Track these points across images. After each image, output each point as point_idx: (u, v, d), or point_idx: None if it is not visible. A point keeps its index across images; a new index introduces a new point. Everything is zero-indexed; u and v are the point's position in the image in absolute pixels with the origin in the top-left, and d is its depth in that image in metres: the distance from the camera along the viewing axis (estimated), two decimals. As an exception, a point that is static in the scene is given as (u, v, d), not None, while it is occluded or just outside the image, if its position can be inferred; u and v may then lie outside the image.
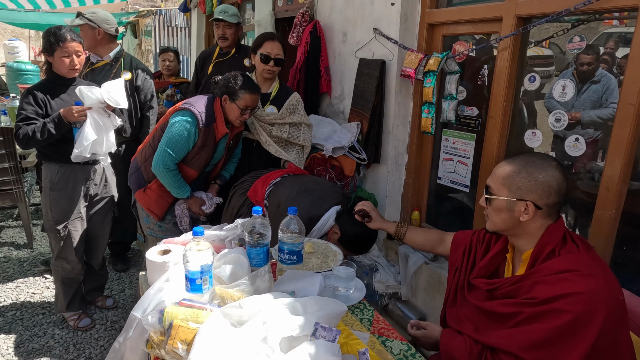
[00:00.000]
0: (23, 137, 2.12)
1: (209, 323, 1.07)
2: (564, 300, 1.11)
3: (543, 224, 1.24)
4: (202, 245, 1.25)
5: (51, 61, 2.18)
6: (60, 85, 2.25)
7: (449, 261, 1.60)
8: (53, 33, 2.13)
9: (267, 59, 2.40)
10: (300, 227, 1.45)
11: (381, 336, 1.28)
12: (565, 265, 1.17)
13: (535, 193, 1.21)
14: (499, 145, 2.07)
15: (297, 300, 1.15)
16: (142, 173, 2.23)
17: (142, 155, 2.27)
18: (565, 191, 1.23)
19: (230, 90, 2.15)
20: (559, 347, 1.11)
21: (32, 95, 2.17)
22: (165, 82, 3.72)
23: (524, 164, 1.25)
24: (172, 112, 2.17)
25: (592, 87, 2.21)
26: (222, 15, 3.02)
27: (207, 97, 2.22)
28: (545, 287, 1.16)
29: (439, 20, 2.30)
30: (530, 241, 1.27)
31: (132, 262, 3.27)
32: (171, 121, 2.11)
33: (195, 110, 2.09)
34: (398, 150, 2.57)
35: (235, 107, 2.14)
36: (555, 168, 1.22)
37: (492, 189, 1.30)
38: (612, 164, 1.63)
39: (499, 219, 1.29)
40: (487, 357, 1.25)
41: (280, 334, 1.03)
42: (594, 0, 1.60)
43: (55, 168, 2.27)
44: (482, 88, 2.25)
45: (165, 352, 1.09)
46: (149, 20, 8.40)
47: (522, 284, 1.23)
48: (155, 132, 2.24)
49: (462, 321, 1.39)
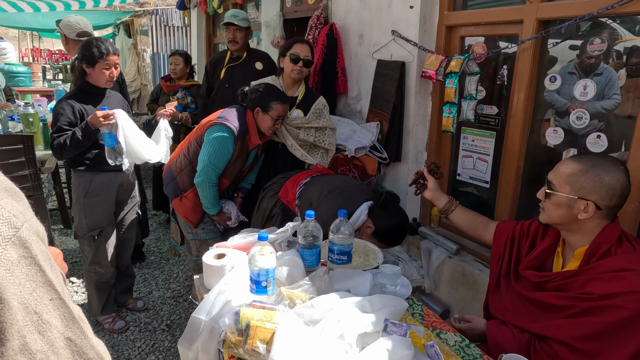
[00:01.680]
0: (57, 148, 2.18)
1: (285, 322, 1.14)
2: (622, 298, 1.18)
3: (600, 224, 1.30)
4: (266, 250, 1.32)
5: (89, 72, 2.23)
6: (95, 95, 2.31)
7: (491, 250, 1.67)
8: (97, 46, 2.19)
9: (296, 60, 2.46)
10: (350, 229, 1.53)
11: (435, 329, 1.37)
12: (622, 264, 1.23)
13: (598, 194, 1.26)
14: (520, 143, 2.17)
15: (365, 299, 1.23)
16: (177, 183, 2.32)
17: (176, 165, 2.34)
18: (628, 195, 1.28)
19: (262, 103, 2.24)
20: (613, 341, 1.19)
21: (69, 105, 2.22)
22: (176, 85, 3.75)
23: (592, 164, 1.29)
24: (205, 127, 2.26)
25: (595, 79, 2.30)
26: (233, 20, 3.08)
27: (237, 109, 2.31)
28: (602, 284, 1.22)
29: (458, 22, 2.37)
30: (585, 238, 1.32)
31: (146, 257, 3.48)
32: (209, 137, 2.20)
33: (231, 125, 2.19)
34: (418, 148, 2.65)
35: (268, 117, 2.25)
36: (622, 172, 1.26)
37: (553, 185, 1.34)
38: (635, 158, 1.73)
39: (556, 213, 1.34)
40: (535, 345, 1.34)
41: (356, 330, 1.11)
42: (616, 5, 1.69)
43: (89, 176, 2.32)
44: (502, 88, 2.33)
45: (244, 351, 1.16)
46: (144, 20, 8.35)
47: (575, 279, 1.29)
48: (188, 143, 2.33)
49: (507, 309, 1.47)
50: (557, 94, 2.06)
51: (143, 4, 10.62)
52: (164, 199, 4.04)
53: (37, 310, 0.48)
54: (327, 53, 2.96)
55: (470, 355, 1.26)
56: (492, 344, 1.43)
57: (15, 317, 0.45)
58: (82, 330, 0.54)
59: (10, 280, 0.45)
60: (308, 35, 3.07)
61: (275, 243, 1.64)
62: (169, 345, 2.44)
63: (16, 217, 0.47)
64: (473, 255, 2.45)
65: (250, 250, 1.55)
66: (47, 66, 11.19)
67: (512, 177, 2.22)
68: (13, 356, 0.46)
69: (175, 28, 7.83)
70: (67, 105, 2.22)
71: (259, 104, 2.25)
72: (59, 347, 0.50)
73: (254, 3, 5.05)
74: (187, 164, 2.28)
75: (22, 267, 0.47)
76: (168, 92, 3.81)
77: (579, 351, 1.23)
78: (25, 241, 0.47)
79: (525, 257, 1.47)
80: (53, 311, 0.50)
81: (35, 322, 0.48)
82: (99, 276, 2.46)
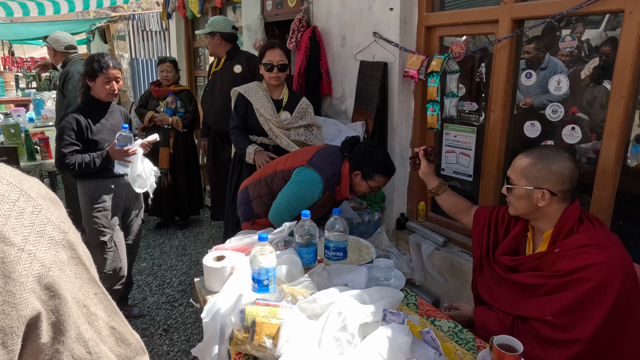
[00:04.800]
0: (69, 167, 2.26)
1: (290, 317, 1.20)
2: (587, 270, 1.30)
3: (560, 207, 1.44)
4: (267, 249, 1.38)
5: (92, 86, 2.32)
6: (99, 109, 2.38)
7: (472, 233, 1.79)
8: (97, 60, 2.28)
9: (270, 68, 2.52)
10: (345, 226, 1.59)
11: (429, 317, 1.45)
12: (584, 241, 1.36)
13: (550, 182, 1.40)
14: (500, 137, 2.27)
15: (363, 291, 1.30)
16: (252, 207, 2.21)
17: (254, 189, 2.22)
18: (577, 178, 1.43)
19: (365, 170, 2.04)
20: (584, 311, 1.31)
21: (75, 120, 2.28)
22: (166, 90, 3.77)
23: (540, 156, 1.44)
24: (297, 163, 2.10)
25: (541, 74, 2.41)
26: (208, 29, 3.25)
27: (335, 156, 2.12)
28: (568, 261, 1.35)
29: (436, 23, 2.47)
30: (549, 222, 1.46)
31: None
32: (297, 177, 2.04)
33: (325, 176, 2.02)
34: (402, 145, 2.74)
35: (366, 185, 2.06)
36: (567, 159, 1.42)
37: (512, 180, 1.49)
38: (607, 148, 1.85)
39: (519, 205, 1.48)
40: (518, 326, 1.44)
41: (357, 321, 1.18)
42: (584, 5, 1.79)
43: (93, 184, 2.38)
44: (480, 84, 2.44)
45: (251, 347, 1.21)
46: (121, 25, 8.25)
47: (545, 259, 1.42)
48: (273, 171, 2.18)
49: (492, 290, 1.58)
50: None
51: (116, 8, 10.50)
52: (156, 203, 4.04)
53: (85, 304, 0.55)
54: (310, 55, 3.02)
55: (463, 339, 1.34)
56: (479, 328, 1.52)
57: (70, 310, 0.51)
58: (122, 319, 0.62)
59: (63, 279, 0.51)
60: (291, 39, 3.13)
61: (272, 243, 1.70)
62: (167, 350, 2.47)
63: (63, 222, 0.53)
64: (459, 247, 2.55)
65: (249, 251, 1.61)
66: (19, 74, 10.95)
67: (494, 170, 2.32)
68: (71, 344, 0.52)
69: (153, 33, 7.77)
70: (73, 119, 2.28)
71: (361, 168, 2.05)
72: (105, 335, 0.57)
73: (232, 7, 5.07)
74: (267, 192, 2.15)
75: (71, 267, 0.53)
76: (157, 96, 3.82)
77: (555, 326, 1.34)
78: (72, 243, 0.54)
79: (501, 242, 1.58)
80: (98, 304, 0.57)
81: (85, 314, 0.54)
82: (112, 284, 2.50)
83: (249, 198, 2.23)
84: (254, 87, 2.63)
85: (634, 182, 1.96)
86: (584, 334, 1.27)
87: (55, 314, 0.50)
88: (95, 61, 2.28)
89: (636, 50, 1.69)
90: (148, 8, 9.88)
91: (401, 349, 1.12)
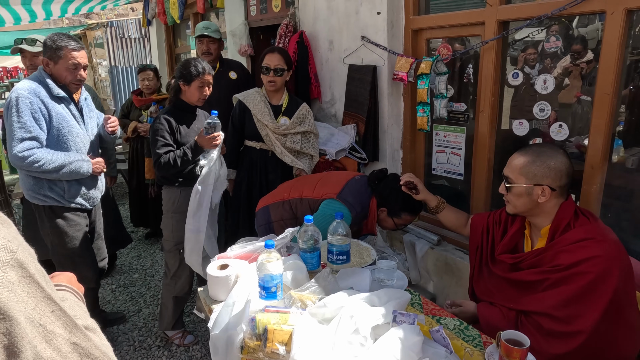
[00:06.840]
0: (164, 166, 2.25)
1: (301, 323, 1.21)
2: (586, 264, 1.35)
3: (557, 203, 1.49)
4: (273, 256, 1.38)
5: (185, 89, 2.34)
6: (188, 113, 2.41)
7: (469, 241, 1.82)
8: (194, 65, 2.29)
9: (267, 70, 2.53)
10: (347, 230, 1.61)
11: (435, 316, 1.47)
12: (581, 235, 1.41)
13: (549, 177, 1.45)
14: (490, 136, 2.32)
15: (372, 294, 1.31)
16: (273, 229, 2.13)
17: (276, 210, 2.14)
18: (572, 172, 1.48)
19: (393, 207, 2.04)
20: (585, 302, 1.35)
21: (167, 122, 2.31)
22: (148, 100, 3.72)
23: (537, 154, 1.48)
24: (324, 194, 2.03)
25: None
26: (206, 32, 3.12)
27: (365, 190, 2.07)
28: (567, 255, 1.40)
29: (423, 25, 2.51)
30: (546, 218, 1.51)
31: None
32: (324, 210, 1.97)
33: (355, 212, 1.98)
34: (394, 147, 2.78)
35: (392, 222, 2.06)
36: (562, 155, 1.47)
37: (510, 179, 1.52)
38: (594, 144, 1.91)
39: (519, 202, 1.52)
40: (522, 320, 1.48)
41: (369, 324, 1.19)
42: (567, 7, 1.86)
43: (177, 192, 2.39)
44: (468, 85, 2.49)
45: (264, 355, 1.22)
46: (98, 33, 8.12)
47: (545, 255, 1.47)
48: (299, 198, 2.11)
49: (493, 293, 1.62)
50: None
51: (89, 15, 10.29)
52: (143, 214, 3.98)
53: (41, 323, 0.54)
54: (298, 60, 3.04)
55: (469, 336, 1.37)
56: (484, 324, 1.55)
57: (24, 331, 0.50)
58: (85, 334, 0.61)
59: (14, 300, 0.50)
60: (278, 44, 3.14)
61: (275, 249, 1.70)
62: (166, 361, 2.45)
63: (11, 241, 0.52)
64: (453, 244, 2.60)
65: (252, 258, 1.61)
66: (-7, 85, 10.65)
67: (485, 169, 2.38)
68: None
69: (132, 40, 7.67)
70: (165, 121, 2.31)
71: (388, 205, 2.03)
72: (66, 352, 0.57)
73: (215, 12, 5.05)
74: (291, 217, 2.09)
75: (22, 286, 0.52)
76: (140, 106, 3.77)
77: (557, 319, 1.38)
78: (22, 262, 0.53)
79: (500, 242, 1.62)
80: (56, 321, 0.56)
81: (41, 333, 0.54)
82: (177, 291, 2.50)
83: (269, 219, 2.16)
84: (253, 93, 2.65)
85: (619, 175, 2.03)
86: (586, 326, 1.31)
87: (7, 336, 0.49)
88: (192, 65, 2.30)
89: (619, 49, 1.76)
90: (122, 14, 9.73)
91: (413, 349, 1.14)
